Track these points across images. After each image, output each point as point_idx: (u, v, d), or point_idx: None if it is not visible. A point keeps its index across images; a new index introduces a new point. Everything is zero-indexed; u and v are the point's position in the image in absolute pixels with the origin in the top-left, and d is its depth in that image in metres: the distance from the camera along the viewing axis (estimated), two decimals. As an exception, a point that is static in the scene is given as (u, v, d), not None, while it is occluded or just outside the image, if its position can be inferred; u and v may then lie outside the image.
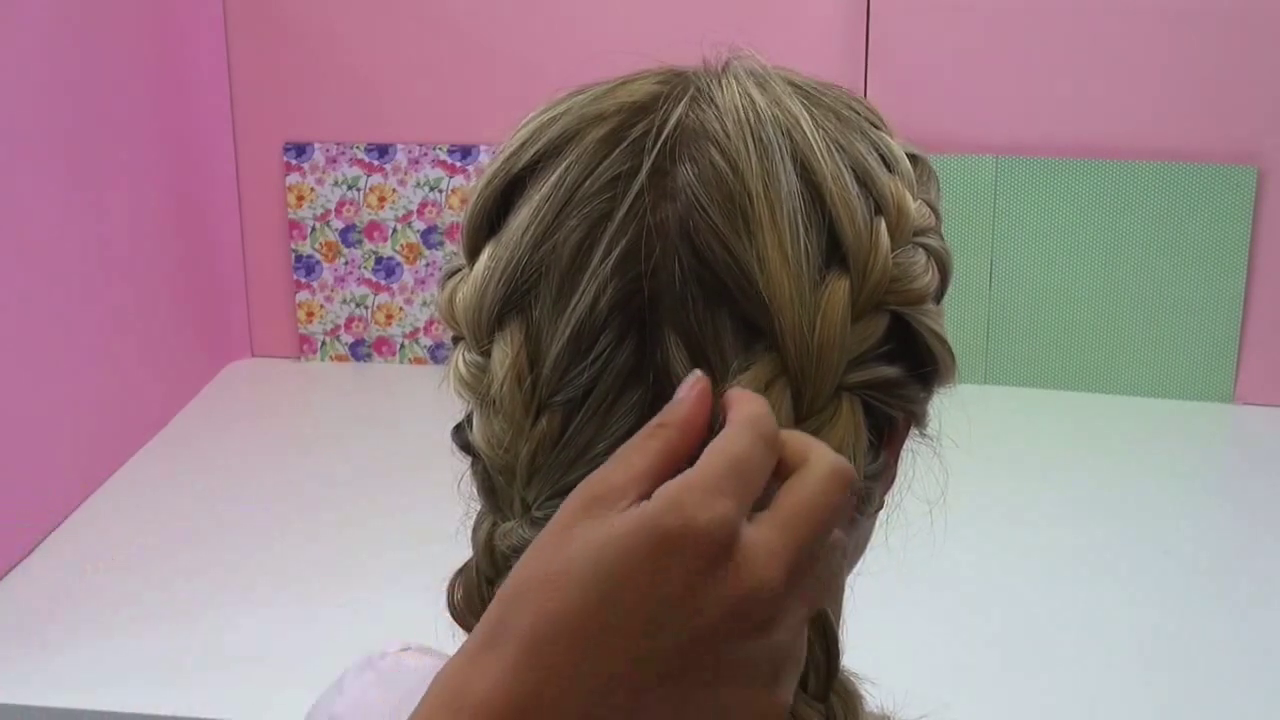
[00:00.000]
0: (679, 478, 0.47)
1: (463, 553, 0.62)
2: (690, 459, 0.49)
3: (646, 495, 0.47)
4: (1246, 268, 1.97)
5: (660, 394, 0.54)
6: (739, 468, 0.47)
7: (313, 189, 2.16)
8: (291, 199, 2.17)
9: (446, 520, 0.64)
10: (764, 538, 0.46)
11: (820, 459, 0.49)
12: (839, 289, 0.55)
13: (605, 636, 0.45)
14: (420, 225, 2.15)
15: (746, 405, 0.50)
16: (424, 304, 2.18)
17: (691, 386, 0.51)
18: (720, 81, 0.58)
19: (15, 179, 1.67)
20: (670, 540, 0.45)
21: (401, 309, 2.19)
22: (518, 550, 0.57)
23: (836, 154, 0.57)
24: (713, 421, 0.51)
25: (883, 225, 0.56)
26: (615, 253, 0.54)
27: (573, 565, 0.46)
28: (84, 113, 1.82)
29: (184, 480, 1.87)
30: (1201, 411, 2.01)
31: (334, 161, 2.15)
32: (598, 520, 0.47)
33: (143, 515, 1.78)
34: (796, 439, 0.50)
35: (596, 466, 0.55)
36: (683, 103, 0.57)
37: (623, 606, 0.45)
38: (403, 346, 2.21)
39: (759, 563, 0.46)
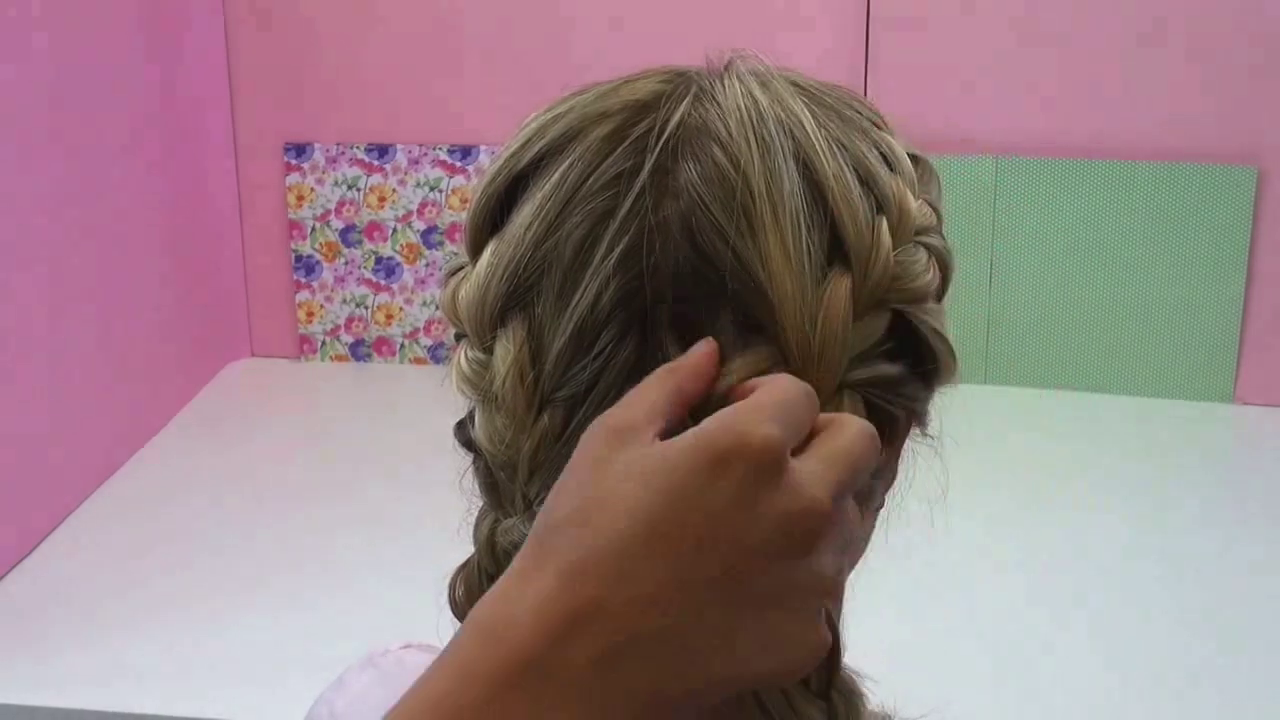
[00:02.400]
0: (730, 408, 0.48)
1: (464, 550, 0.62)
2: (695, 408, 0.51)
3: (663, 431, 0.49)
4: (1246, 268, 1.97)
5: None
6: (787, 404, 0.49)
7: (313, 189, 2.16)
8: (291, 199, 2.17)
9: (447, 518, 0.64)
10: (809, 467, 0.48)
11: (851, 419, 0.51)
12: (841, 286, 0.55)
13: (651, 560, 0.46)
14: (420, 225, 2.15)
15: (780, 378, 0.52)
16: (424, 304, 2.18)
17: (702, 344, 0.53)
18: (723, 81, 0.58)
19: (14, 178, 1.67)
20: (724, 456, 0.47)
21: (401, 309, 2.19)
22: (519, 546, 0.58)
23: (838, 153, 0.57)
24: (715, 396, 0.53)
25: (884, 224, 0.57)
26: (617, 250, 0.55)
27: (618, 491, 0.47)
28: (84, 112, 1.82)
29: (184, 480, 1.87)
30: (1201, 411, 2.01)
31: (334, 161, 2.15)
32: (634, 447, 0.48)
33: (142, 515, 1.78)
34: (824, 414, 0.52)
35: None
36: (685, 101, 0.57)
37: (671, 527, 0.46)
38: (403, 346, 2.21)
39: (807, 483, 0.47)
